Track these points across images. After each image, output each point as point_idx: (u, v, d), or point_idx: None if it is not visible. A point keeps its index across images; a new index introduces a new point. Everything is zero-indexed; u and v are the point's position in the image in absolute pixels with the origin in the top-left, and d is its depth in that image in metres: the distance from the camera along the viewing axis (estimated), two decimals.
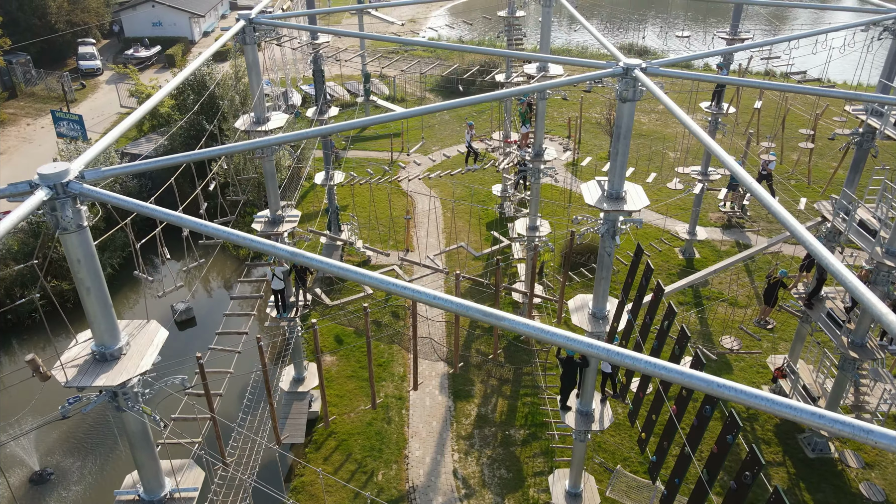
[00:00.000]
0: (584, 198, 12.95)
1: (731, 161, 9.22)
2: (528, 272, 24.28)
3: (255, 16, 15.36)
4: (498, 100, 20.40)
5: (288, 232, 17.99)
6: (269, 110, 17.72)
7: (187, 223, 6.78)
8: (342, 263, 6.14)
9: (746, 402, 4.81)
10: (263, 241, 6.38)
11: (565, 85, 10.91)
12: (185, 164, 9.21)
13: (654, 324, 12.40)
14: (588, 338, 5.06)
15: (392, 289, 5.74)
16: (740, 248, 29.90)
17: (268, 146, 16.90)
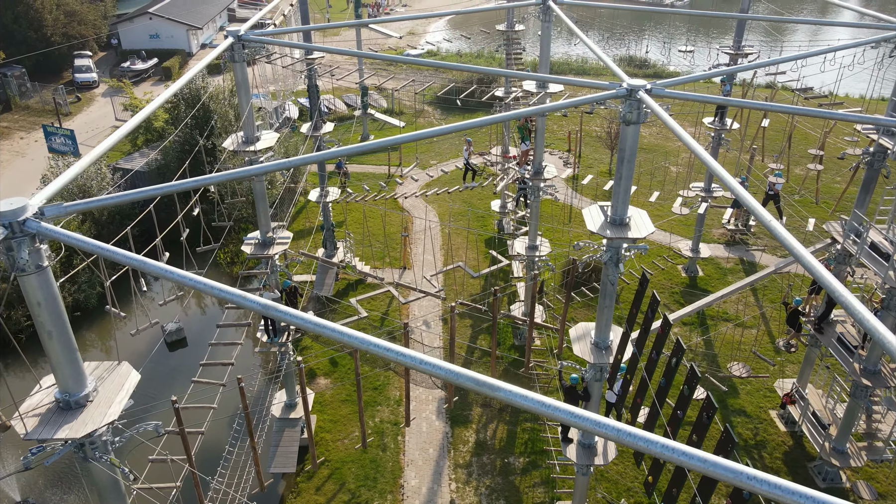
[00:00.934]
0: (586, 224, 12.34)
1: (736, 185, 8.64)
2: (528, 297, 23.63)
3: (244, 32, 14.80)
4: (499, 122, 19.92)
5: (279, 255, 17.35)
6: (264, 125, 17.20)
7: (151, 268, 6.16)
8: (321, 320, 5.52)
9: (783, 499, 4.10)
10: (232, 291, 5.75)
11: (567, 107, 10.32)
12: (159, 197, 8.59)
13: (660, 360, 11.77)
14: (598, 417, 4.42)
15: (383, 353, 5.15)
16: (744, 265, 29.28)
17: (257, 164, 16.31)
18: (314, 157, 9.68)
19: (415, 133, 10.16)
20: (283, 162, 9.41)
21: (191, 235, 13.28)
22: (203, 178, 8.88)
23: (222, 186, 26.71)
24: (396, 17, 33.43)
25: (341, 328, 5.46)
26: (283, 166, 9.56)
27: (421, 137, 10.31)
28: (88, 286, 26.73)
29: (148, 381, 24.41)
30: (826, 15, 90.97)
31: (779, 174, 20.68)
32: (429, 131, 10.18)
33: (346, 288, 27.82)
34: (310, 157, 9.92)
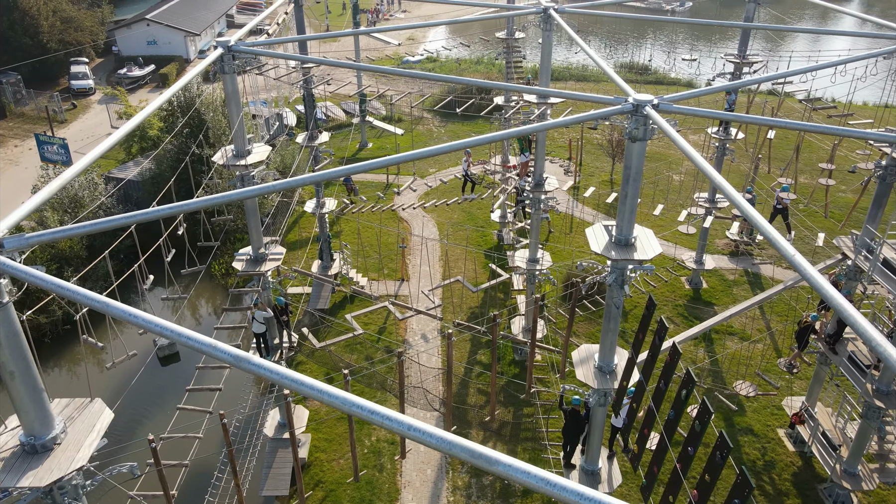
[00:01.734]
0: (590, 244, 11.78)
1: (742, 202, 8.17)
2: (529, 313, 23.05)
3: (234, 43, 14.27)
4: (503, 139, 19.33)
5: (271, 271, 16.79)
6: (256, 137, 16.66)
7: (114, 311, 5.60)
8: (300, 376, 4.97)
9: None
10: (202, 339, 5.19)
11: (570, 124, 9.79)
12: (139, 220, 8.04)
13: (668, 391, 11.19)
14: None
15: (368, 417, 4.62)
16: (749, 276, 28.70)
17: (248, 178, 15.79)
18: (312, 178, 9.15)
19: (416, 152, 9.64)
20: (279, 184, 8.85)
21: (178, 255, 12.69)
22: (187, 202, 8.33)
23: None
24: (394, 26, 32.96)
25: (322, 386, 4.91)
26: (279, 188, 9.00)
27: (422, 156, 9.79)
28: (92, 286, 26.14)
29: (137, 399, 23.88)
30: (827, 21, 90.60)
31: (786, 188, 20.08)
32: (430, 150, 9.64)
33: (343, 300, 27.25)
34: (308, 177, 9.35)
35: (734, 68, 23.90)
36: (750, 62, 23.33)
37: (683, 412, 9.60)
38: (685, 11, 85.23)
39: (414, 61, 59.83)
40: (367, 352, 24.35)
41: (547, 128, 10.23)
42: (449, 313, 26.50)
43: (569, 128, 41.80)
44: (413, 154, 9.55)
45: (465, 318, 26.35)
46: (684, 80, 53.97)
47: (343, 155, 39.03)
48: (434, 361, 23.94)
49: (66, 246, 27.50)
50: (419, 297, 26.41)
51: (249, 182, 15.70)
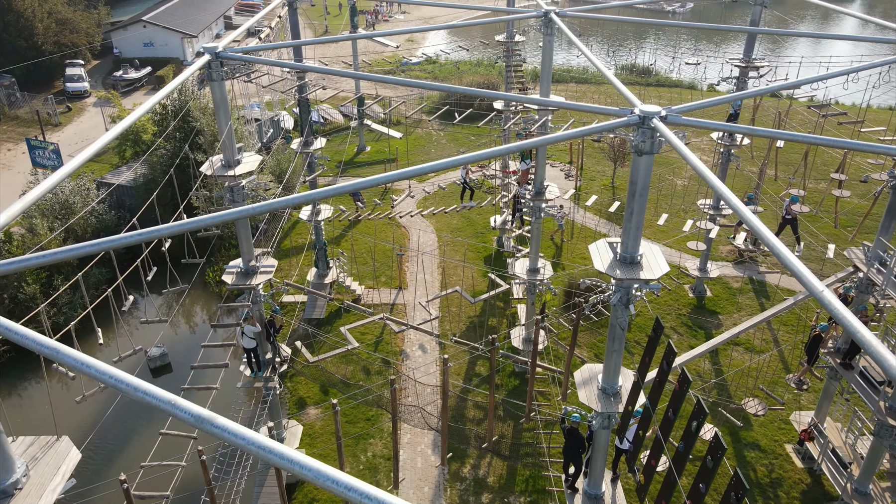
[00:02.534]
0: (594, 262, 11.19)
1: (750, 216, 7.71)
2: (530, 323, 22.48)
3: (222, 49, 13.69)
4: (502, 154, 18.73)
5: (262, 284, 16.20)
6: (246, 145, 16.09)
7: (65, 360, 5.03)
8: (274, 445, 4.40)
9: None
10: (164, 397, 4.61)
11: (575, 137, 9.22)
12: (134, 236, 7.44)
13: (677, 422, 10.61)
14: None
15: (356, 499, 4.06)
16: (754, 284, 28.11)
17: (238, 190, 15.21)
18: (309, 196, 8.55)
19: (415, 168, 9.07)
20: (275, 202, 8.24)
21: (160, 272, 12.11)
22: (170, 226, 7.74)
23: None
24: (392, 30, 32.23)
25: (297, 457, 4.35)
26: (274, 207, 8.41)
27: (421, 173, 9.22)
28: (70, 308, 25.58)
29: (126, 414, 23.28)
30: (829, 21, 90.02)
31: (795, 198, 19.47)
32: (429, 166, 9.07)
33: (340, 309, 26.65)
34: (305, 195, 8.70)
35: (739, 72, 23.32)
36: (756, 66, 22.75)
37: (694, 445, 9.03)
38: (686, 12, 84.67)
39: (413, 63, 59.29)
40: (364, 362, 23.77)
41: (549, 142, 9.64)
42: (447, 323, 25.93)
43: None
44: (413, 170, 8.99)
45: (464, 327, 25.78)
46: (686, 82, 53.37)
47: (341, 159, 38.46)
48: (432, 373, 23.35)
49: None
50: (416, 306, 25.83)
51: (239, 193, 15.12)
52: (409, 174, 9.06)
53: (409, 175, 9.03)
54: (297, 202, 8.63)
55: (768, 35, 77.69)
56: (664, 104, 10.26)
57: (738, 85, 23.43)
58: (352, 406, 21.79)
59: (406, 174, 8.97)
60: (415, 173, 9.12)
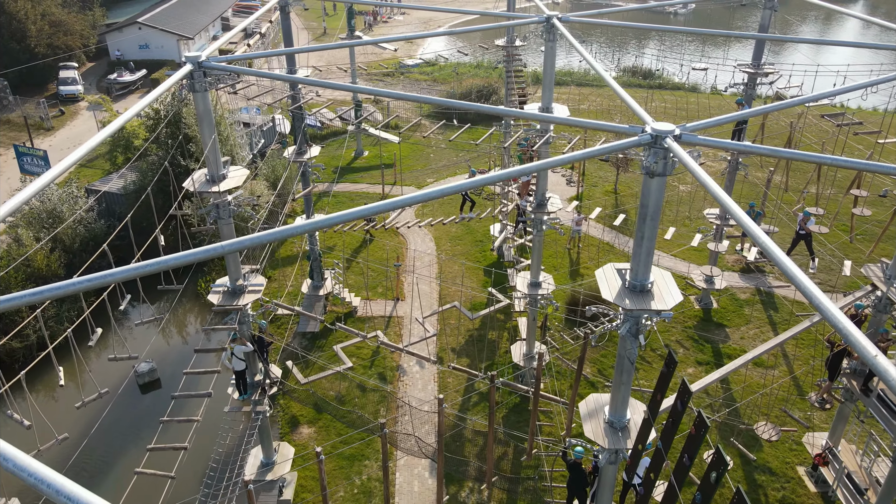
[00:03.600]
0: (600, 289, 10.40)
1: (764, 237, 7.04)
2: (532, 336, 21.69)
3: (205, 58, 12.91)
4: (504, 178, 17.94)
5: (250, 304, 15.41)
6: (237, 158, 15.32)
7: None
8: None
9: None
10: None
11: (583, 158, 8.46)
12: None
13: (693, 468, 9.85)
14: None
15: None
16: (762, 295, 27.31)
17: (224, 206, 14.42)
18: (308, 226, 7.82)
19: (419, 194, 8.29)
20: (271, 233, 7.44)
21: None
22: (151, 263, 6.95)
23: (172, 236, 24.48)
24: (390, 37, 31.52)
25: None
26: (272, 238, 7.64)
27: (424, 200, 8.46)
28: (56, 322, 24.81)
29: (116, 427, 22.47)
30: (831, 22, 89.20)
31: (808, 212, 18.66)
32: (432, 192, 8.26)
33: (335, 322, 25.81)
34: (304, 225, 7.96)
35: (747, 78, 22.55)
36: (765, 72, 21.97)
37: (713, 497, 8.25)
38: (688, 13, 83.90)
39: (412, 65, 58.50)
40: (360, 379, 22.97)
41: (556, 164, 8.85)
42: (445, 337, 25.15)
43: None
44: (414, 197, 8.22)
45: (462, 341, 25.01)
46: (689, 85, 52.57)
47: (338, 164, 37.67)
48: (430, 389, 22.56)
49: (44, 265, 26.14)
50: (413, 320, 25.03)
51: (226, 210, 14.33)
52: (411, 201, 8.31)
53: (412, 202, 8.28)
54: (297, 232, 7.87)
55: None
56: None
57: (746, 91, 22.66)
58: (342, 433, 20.97)
59: (409, 201, 8.19)
60: (419, 199, 8.36)
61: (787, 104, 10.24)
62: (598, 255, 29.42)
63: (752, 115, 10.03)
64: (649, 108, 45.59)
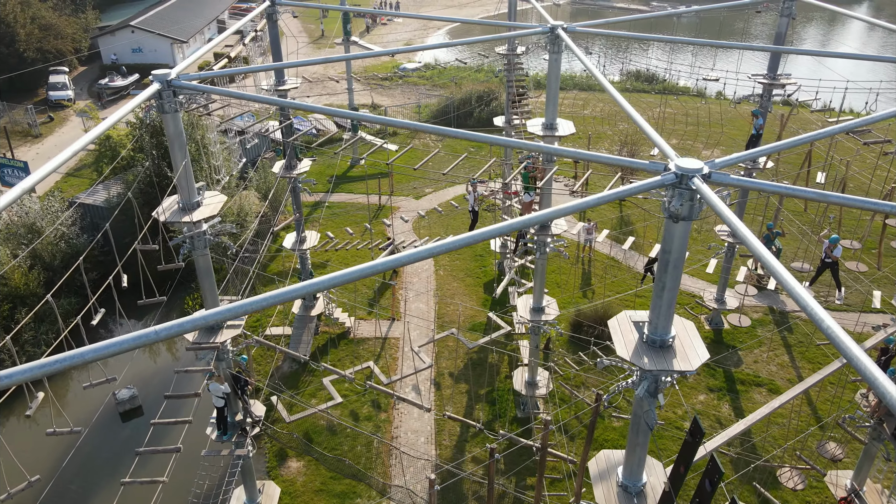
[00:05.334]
0: (615, 344, 9.16)
1: (793, 283, 5.96)
2: (533, 363, 20.41)
3: (175, 77, 11.67)
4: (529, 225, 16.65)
5: (230, 340, 14.17)
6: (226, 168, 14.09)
7: None
8: None
9: None
10: None
11: (601, 203, 7.25)
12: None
13: None
14: None
15: None
16: (775, 315, 26.05)
17: (199, 238, 13.18)
18: (307, 287, 6.58)
19: (434, 246, 7.10)
20: (260, 299, 6.24)
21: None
22: (136, 335, 5.76)
23: None
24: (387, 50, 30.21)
25: None
26: (258, 307, 6.45)
27: (438, 253, 7.34)
28: (33, 345, 23.60)
29: (93, 460, 21.24)
30: (835, 24, 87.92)
31: (836, 238, 17.46)
32: (440, 246, 7.10)
33: (327, 344, 24.62)
34: (302, 286, 6.63)
35: (763, 89, 21.31)
36: (781, 83, 20.73)
37: None
38: (691, 16, 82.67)
39: (411, 69, 57.25)
40: (353, 406, 21.72)
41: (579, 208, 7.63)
42: (444, 360, 23.93)
43: None
44: (438, 247, 7.08)
45: (461, 364, 23.77)
46: (693, 89, 51.28)
47: (333, 173, 36.45)
48: (426, 420, 21.30)
49: (21, 284, 24.90)
50: (411, 336, 23.80)
51: (200, 242, 13.08)
52: (429, 253, 7.14)
53: (428, 255, 7.14)
54: (292, 296, 6.68)
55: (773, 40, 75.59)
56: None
57: (761, 103, 21.43)
58: (327, 477, 19.71)
59: (415, 257, 7.00)
60: (426, 255, 7.19)
61: (830, 131, 9.00)
62: (605, 278, 28.17)
63: (795, 145, 8.80)
64: (655, 115, 44.36)
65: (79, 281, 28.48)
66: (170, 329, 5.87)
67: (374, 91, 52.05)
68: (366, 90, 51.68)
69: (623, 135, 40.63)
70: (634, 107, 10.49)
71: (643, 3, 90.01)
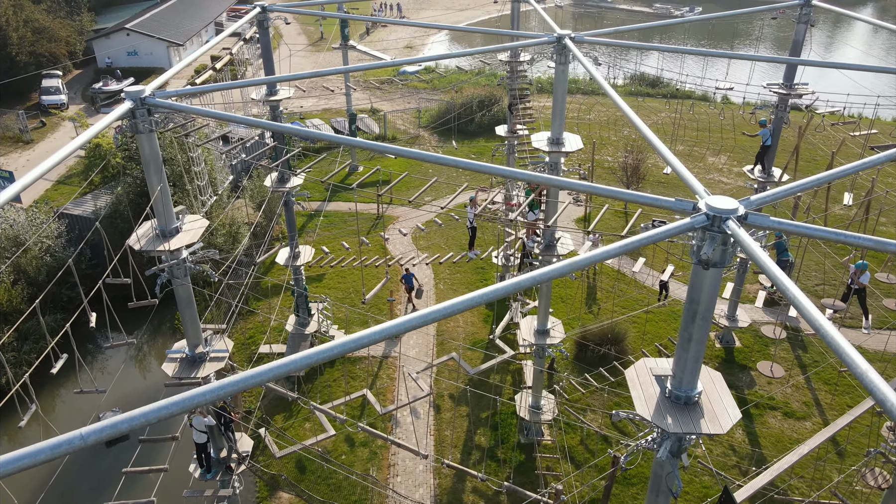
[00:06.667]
0: (634, 401, 8.18)
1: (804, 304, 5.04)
2: (537, 387, 19.42)
3: (149, 94, 10.71)
4: (553, 278, 15.95)
5: (213, 374, 13.20)
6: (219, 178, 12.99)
7: None
8: None
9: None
10: None
11: (624, 252, 6.30)
12: None
13: None
14: None
15: None
16: (788, 331, 25.03)
17: (179, 268, 12.21)
18: (307, 359, 5.61)
19: (442, 306, 6.11)
20: (238, 380, 5.30)
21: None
22: (58, 441, 4.81)
23: None
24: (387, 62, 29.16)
25: None
26: (240, 388, 5.50)
27: (445, 316, 6.38)
28: (14, 365, 22.64)
29: (73, 493, 20.29)
30: (839, 26, 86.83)
31: (863, 264, 16.47)
32: (449, 306, 6.13)
33: (322, 365, 23.64)
34: (300, 357, 5.64)
35: (778, 99, 20.32)
36: (799, 93, 19.75)
37: None
38: (696, 14, 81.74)
39: (411, 72, 56.28)
40: (347, 431, 20.74)
41: (604, 257, 6.59)
42: (443, 382, 22.94)
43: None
44: (414, 319, 6.12)
45: (462, 385, 22.78)
46: (698, 93, 50.25)
47: (331, 181, 35.41)
48: (424, 445, 20.30)
49: (4, 299, 23.95)
50: (409, 354, 22.84)
51: (181, 270, 12.10)
52: (420, 322, 6.17)
53: (421, 323, 6.18)
54: (290, 370, 5.74)
55: (776, 42, 74.53)
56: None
57: (777, 113, 20.44)
58: (331, 487, 18.82)
59: (419, 321, 6.06)
60: (436, 317, 6.23)
61: (876, 160, 8.02)
62: (613, 295, 27.17)
63: (841, 176, 7.82)
64: (660, 120, 43.34)
65: (66, 295, 27.80)
66: (101, 430, 4.91)
67: (374, 95, 51.08)
68: (365, 95, 50.73)
69: (627, 141, 39.64)
70: (638, 111, 9.61)
71: (646, 5, 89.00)
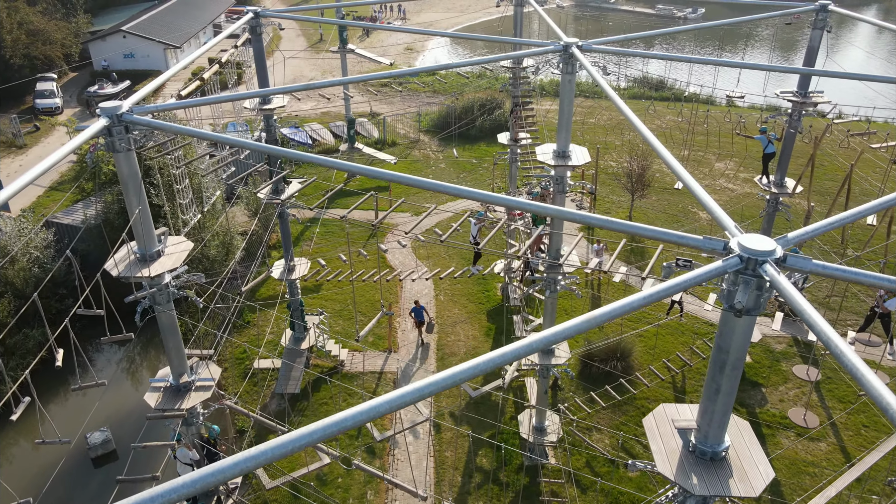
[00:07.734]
0: (653, 453, 7.39)
1: None
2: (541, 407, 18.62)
3: (126, 110, 9.94)
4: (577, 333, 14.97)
5: (199, 405, 12.42)
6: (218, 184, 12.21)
7: None
8: None
9: None
10: None
11: (655, 301, 5.53)
12: None
13: None
14: None
15: None
16: (799, 346, 24.24)
17: (162, 294, 11.42)
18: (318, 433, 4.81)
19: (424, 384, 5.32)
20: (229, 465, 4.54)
21: None
22: None
23: None
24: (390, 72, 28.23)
25: None
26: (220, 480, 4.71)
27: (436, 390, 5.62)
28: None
29: None
30: (842, 27, 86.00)
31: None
32: (483, 363, 5.37)
33: (318, 381, 22.86)
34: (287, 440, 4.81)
35: (792, 108, 19.55)
36: (813, 102, 18.97)
37: None
38: (698, 17, 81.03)
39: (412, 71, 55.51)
40: (346, 449, 19.95)
41: (604, 321, 5.80)
42: (444, 399, 22.16)
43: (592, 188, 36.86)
44: (414, 392, 5.32)
45: (463, 403, 22.01)
46: (703, 96, 49.42)
47: (329, 187, 34.68)
48: (424, 467, 19.52)
49: None
50: (408, 367, 22.08)
51: (163, 298, 11.32)
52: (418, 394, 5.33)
53: (419, 395, 5.44)
54: (299, 445, 4.95)
55: (777, 43, 73.67)
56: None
57: (790, 122, 19.67)
58: None
59: (415, 395, 5.23)
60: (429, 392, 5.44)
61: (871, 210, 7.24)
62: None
63: (876, 210, 7.04)
64: (664, 123, 42.55)
65: (55, 307, 27.02)
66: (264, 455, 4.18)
67: (373, 99, 50.32)
68: (364, 98, 49.99)
69: (632, 146, 38.86)
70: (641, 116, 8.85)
71: (648, 6, 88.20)
